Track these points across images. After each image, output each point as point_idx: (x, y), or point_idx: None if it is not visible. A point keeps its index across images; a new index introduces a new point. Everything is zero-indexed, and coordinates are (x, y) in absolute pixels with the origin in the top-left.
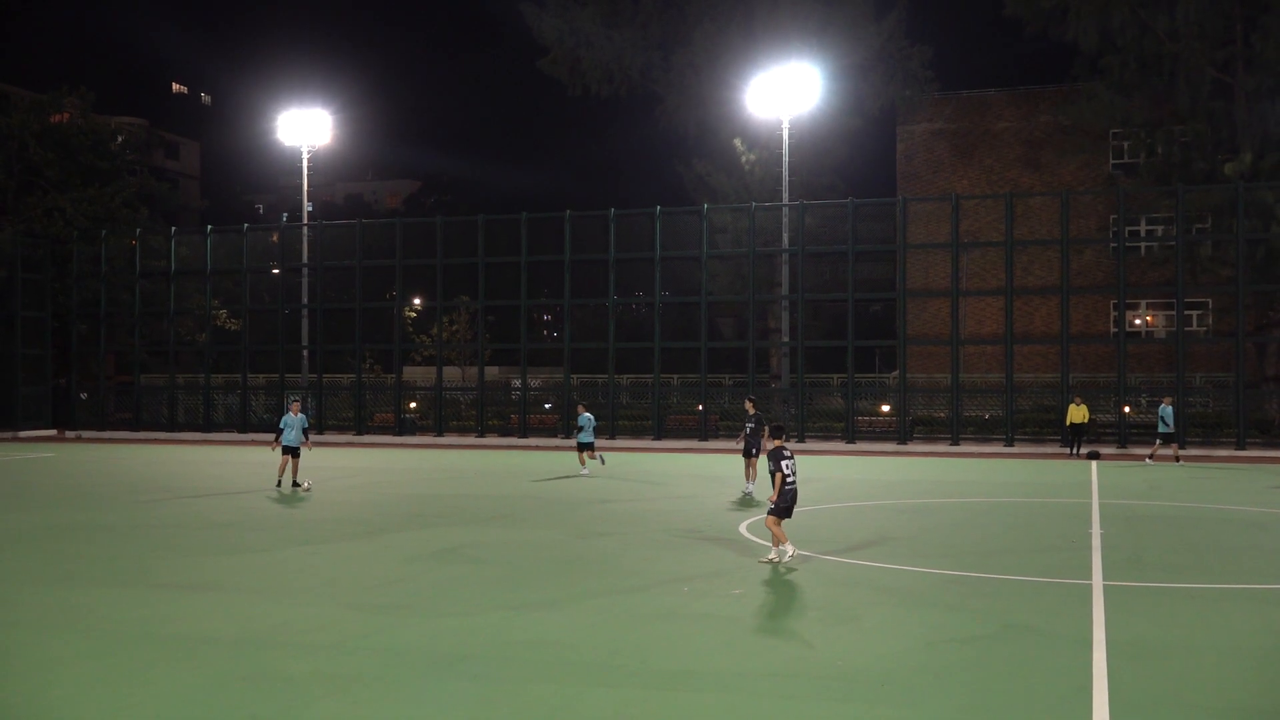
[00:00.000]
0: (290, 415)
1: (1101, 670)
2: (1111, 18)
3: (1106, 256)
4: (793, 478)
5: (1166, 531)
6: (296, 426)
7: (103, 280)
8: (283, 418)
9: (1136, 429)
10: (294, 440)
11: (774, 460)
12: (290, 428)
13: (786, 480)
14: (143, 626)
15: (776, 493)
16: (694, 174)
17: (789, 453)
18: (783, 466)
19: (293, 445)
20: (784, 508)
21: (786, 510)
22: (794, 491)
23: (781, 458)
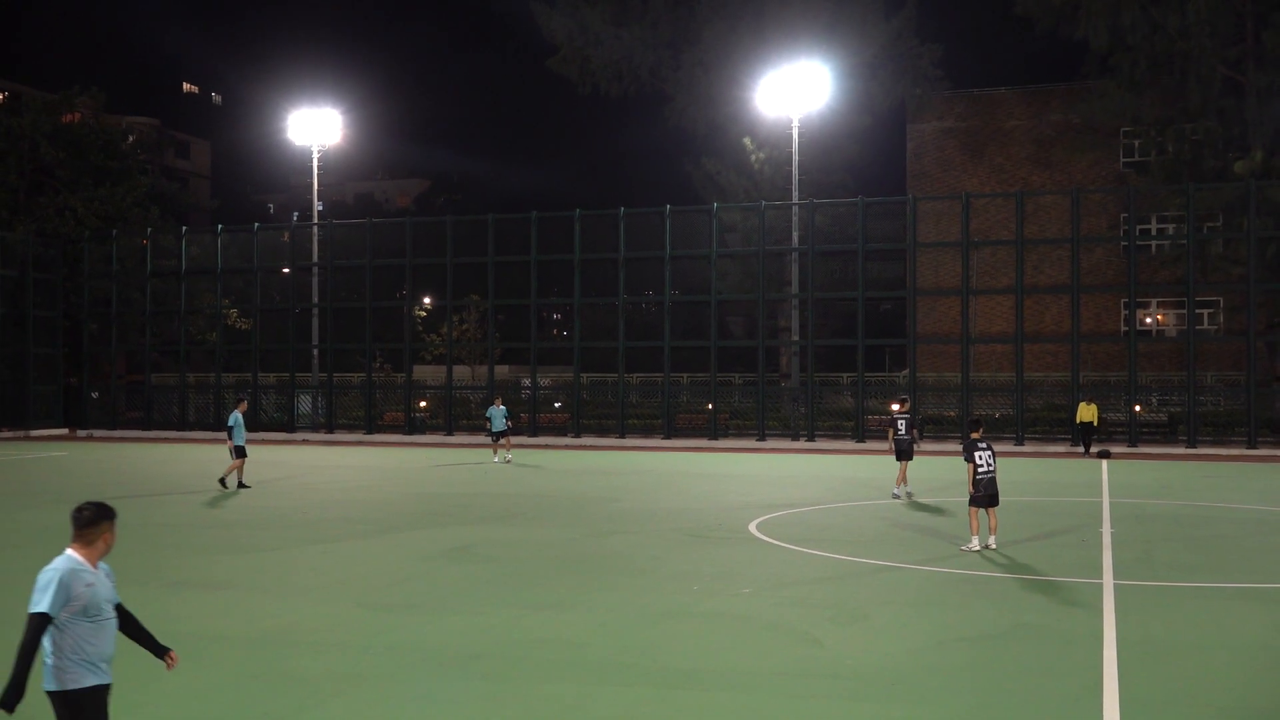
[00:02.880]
0: (239, 414)
1: (1112, 669)
2: (1122, 16)
3: (1117, 255)
4: (985, 467)
5: (1177, 530)
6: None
7: (114, 280)
8: (232, 415)
9: (1147, 428)
10: (242, 439)
11: (969, 451)
12: (240, 426)
13: (979, 470)
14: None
15: (971, 483)
16: (704, 173)
17: (985, 445)
18: (976, 458)
19: (240, 444)
20: (979, 497)
21: (986, 499)
22: (989, 480)
23: (976, 449)
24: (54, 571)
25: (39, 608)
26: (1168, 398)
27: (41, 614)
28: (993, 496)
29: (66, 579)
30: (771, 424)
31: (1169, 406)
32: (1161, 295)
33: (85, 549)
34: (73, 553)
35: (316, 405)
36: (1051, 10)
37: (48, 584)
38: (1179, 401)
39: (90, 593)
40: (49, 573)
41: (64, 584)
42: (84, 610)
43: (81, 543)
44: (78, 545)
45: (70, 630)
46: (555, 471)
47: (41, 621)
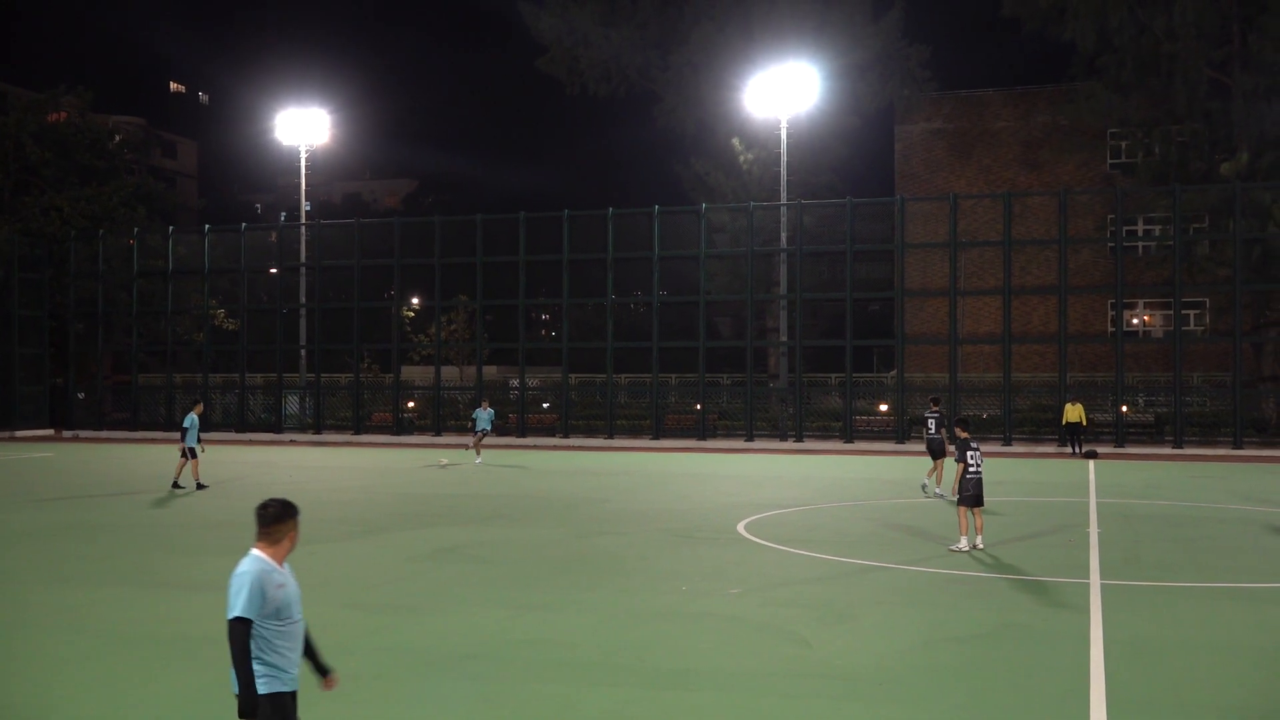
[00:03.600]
0: (194, 415)
1: (1099, 669)
2: (1109, 17)
3: (1104, 256)
4: (975, 467)
5: (1164, 531)
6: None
7: (100, 280)
8: (188, 417)
9: (1134, 428)
10: (194, 440)
11: (961, 451)
12: (195, 428)
13: (969, 470)
14: (143, 626)
15: (957, 483)
16: (692, 173)
17: (974, 445)
18: (967, 458)
19: (193, 445)
20: (968, 496)
21: (972, 499)
22: (976, 480)
23: (967, 449)
24: (246, 574)
25: (237, 612)
26: (1154, 398)
27: (241, 619)
28: (978, 497)
29: (260, 580)
30: (760, 424)
31: (1155, 407)
32: (1148, 296)
33: (271, 548)
34: (259, 553)
35: (304, 406)
36: (1038, 12)
37: (241, 587)
38: (1165, 402)
39: (282, 594)
40: (241, 575)
41: (258, 585)
42: (275, 612)
43: (267, 541)
44: (263, 544)
45: (258, 633)
46: (544, 472)
47: (243, 626)
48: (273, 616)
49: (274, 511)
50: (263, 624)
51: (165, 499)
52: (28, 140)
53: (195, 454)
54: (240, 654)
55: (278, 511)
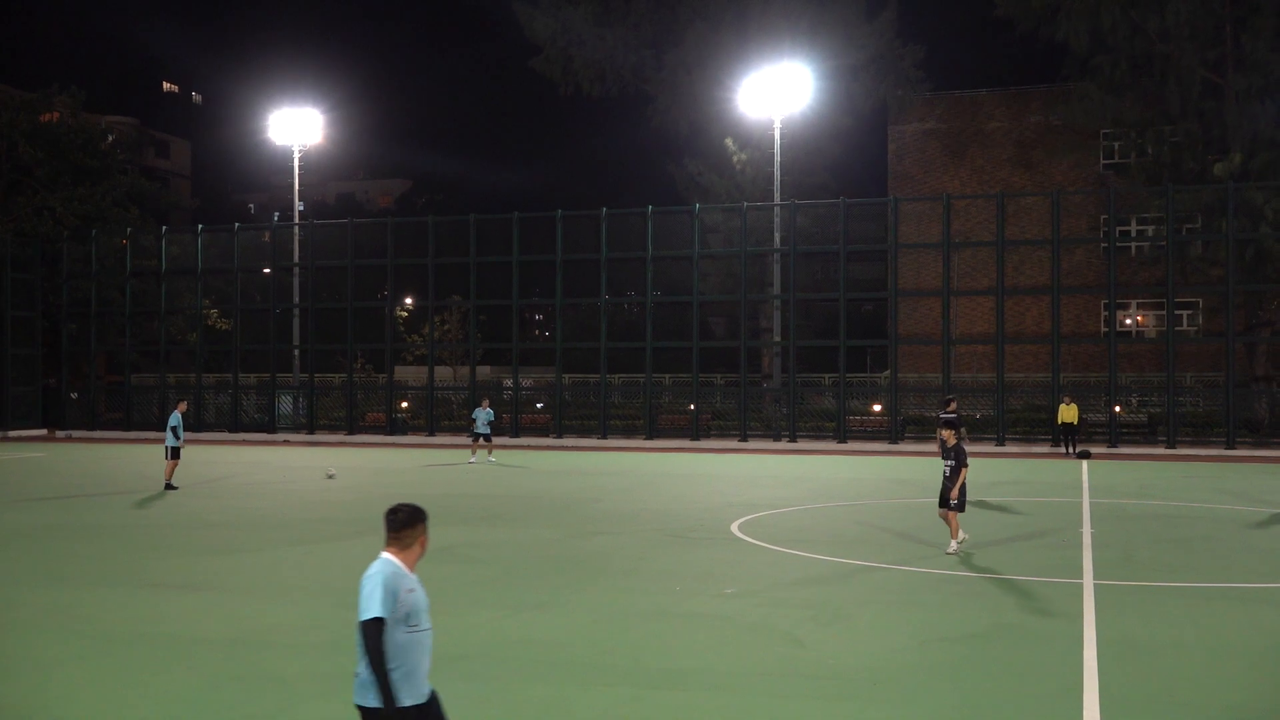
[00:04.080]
0: (178, 414)
1: (1092, 669)
2: (1102, 18)
3: (1097, 256)
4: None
5: (1157, 530)
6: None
7: (93, 280)
8: (172, 415)
9: (1127, 428)
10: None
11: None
12: (181, 426)
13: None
14: (135, 627)
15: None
16: (686, 174)
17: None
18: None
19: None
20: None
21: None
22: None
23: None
24: (377, 575)
25: (371, 613)
26: (1147, 398)
27: (376, 619)
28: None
29: (391, 583)
30: (753, 424)
31: (1149, 407)
32: (1141, 296)
33: (402, 552)
34: (390, 556)
35: (298, 406)
36: (1032, 12)
37: (374, 588)
38: (1159, 402)
39: (411, 599)
40: (372, 577)
41: (390, 588)
42: (405, 617)
43: (398, 545)
44: (394, 548)
45: (387, 639)
46: (537, 472)
47: (378, 627)
48: (402, 621)
49: (404, 516)
50: (391, 630)
51: (157, 499)
52: (20, 140)
53: (177, 454)
54: (378, 656)
55: (407, 516)
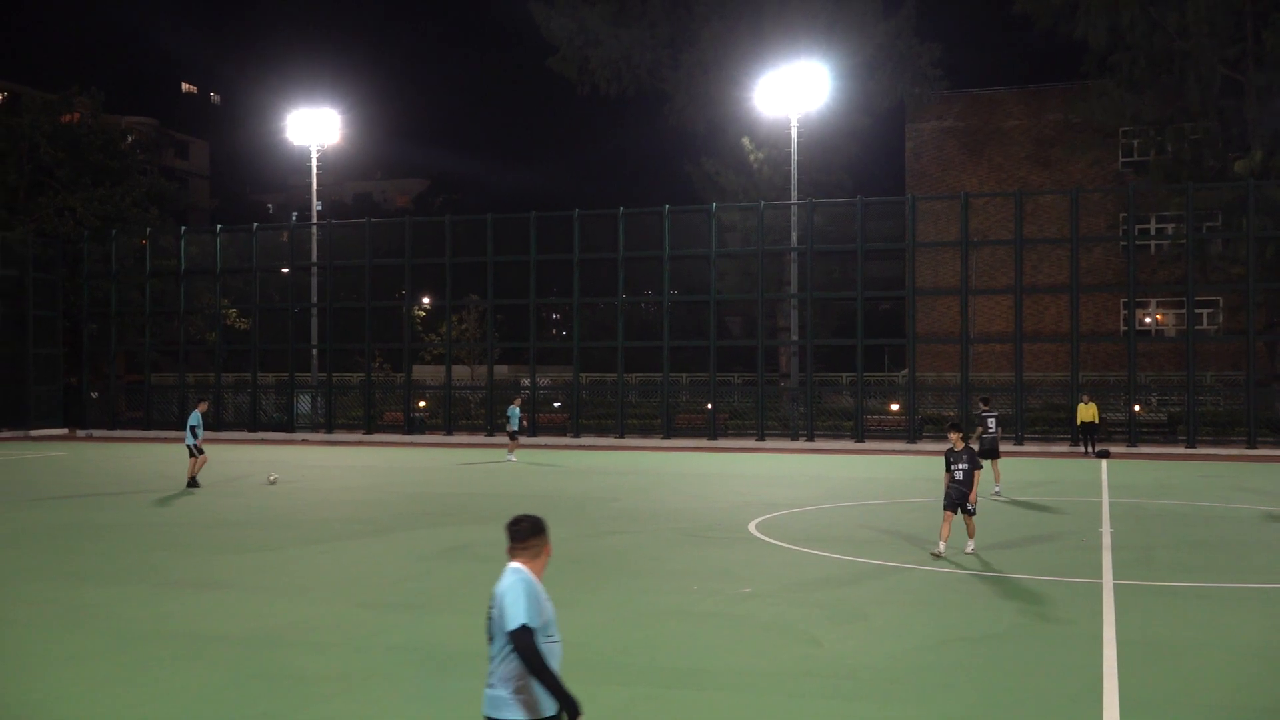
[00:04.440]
0: (199, 413)
1: (1112, 669)
2: (1121, 15)
3: (1116, 255)
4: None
5: (1177, 530)
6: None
7: (113, 280)
8: (193, 415)
9: (1147, 428)
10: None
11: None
12: (200, 426)
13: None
14: (154, 624)
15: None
16: (703, 173)
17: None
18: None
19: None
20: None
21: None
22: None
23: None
24: (519, 584)
25: (521, 620)
26: (1167, 397)
27: (527, 627)
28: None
29: (532, 591)
30: (771, 424)
31: (1169, 406)
32: (1161, 295)
33: (531, 563)
34: (522, 566)
35: (316, 405)
36: (1050, 9)
37: (518, 595)
38: (1179, 401)
39: (548, 609)
40: (515, 585)
41: (532, 596)
42: (543, 627)
43: (527, 555)
44: (524, 559)
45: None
46: (554, 471)
47: (530, 634)
48: (540, 631)
49: (528, 527)
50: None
51: (176, 498)
52: (42, 141)
53: (198, 451)
54: (540, 659)
55: (532, 526)
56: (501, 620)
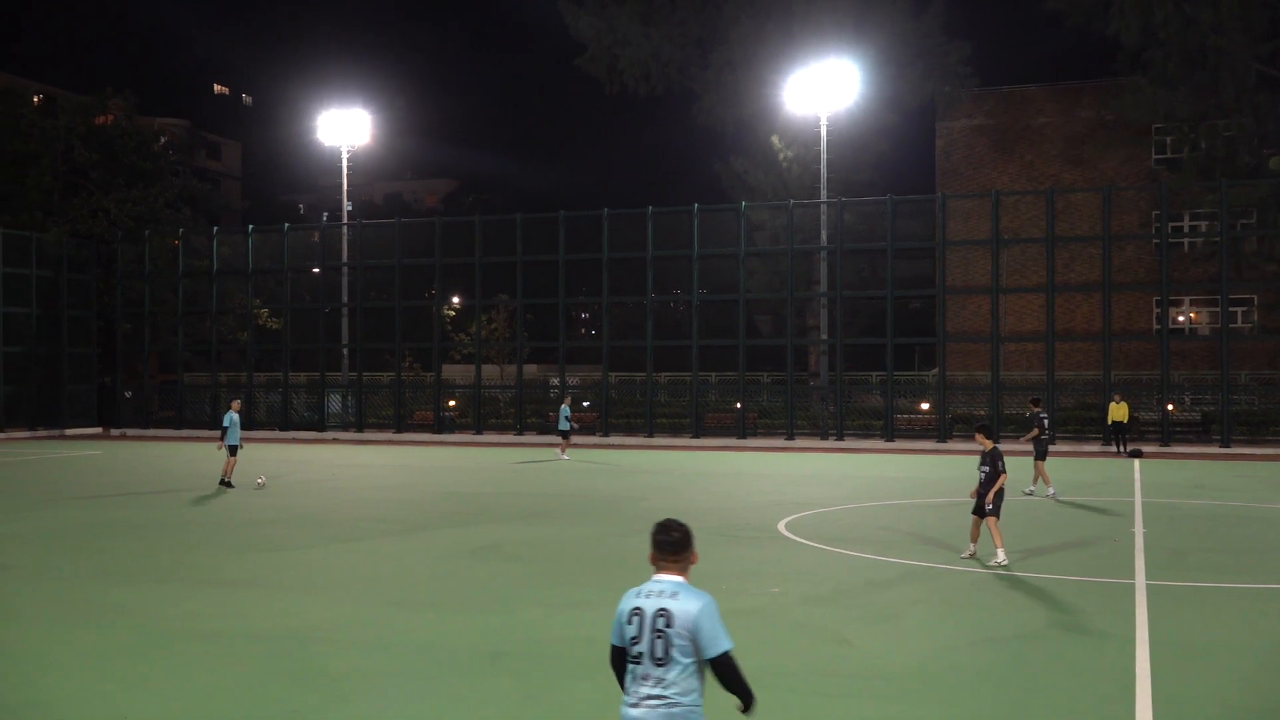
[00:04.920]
0: (233, 414)
1: (1144, 671)
2: (1154, 11)
3: (1149, 252)
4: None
5: (1210, 531)
6: (237, 425)
7: (146, 280)
8: (226, 415)
9: (1180, 427)
10: (236, 439)
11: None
12: (235, 426)
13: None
14: (184, 622)
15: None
16: (732, 171)
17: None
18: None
19: (235, 444)
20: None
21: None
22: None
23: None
24: (713, 604)
25: (728, 644)
26: (1201, 396)
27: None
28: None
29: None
30: (800, 423)
31: (1202, 405)
32: (1194, 293)
33: (684, 573)
34: (684, 580)
35: (346, 404)
36: (1082, 6)
37: (715, 616)
38: (1212, 400)
39: None
40: (708, 605)
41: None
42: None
43: (678, 568)
44: (676, 570)
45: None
46: (583, 470)
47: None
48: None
49: (679, 536)
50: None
51: (208, 497)
52: (76, 143)
53: (234, 451)
54: (743, 678)
55: (684, 535)
56: (697, 643)
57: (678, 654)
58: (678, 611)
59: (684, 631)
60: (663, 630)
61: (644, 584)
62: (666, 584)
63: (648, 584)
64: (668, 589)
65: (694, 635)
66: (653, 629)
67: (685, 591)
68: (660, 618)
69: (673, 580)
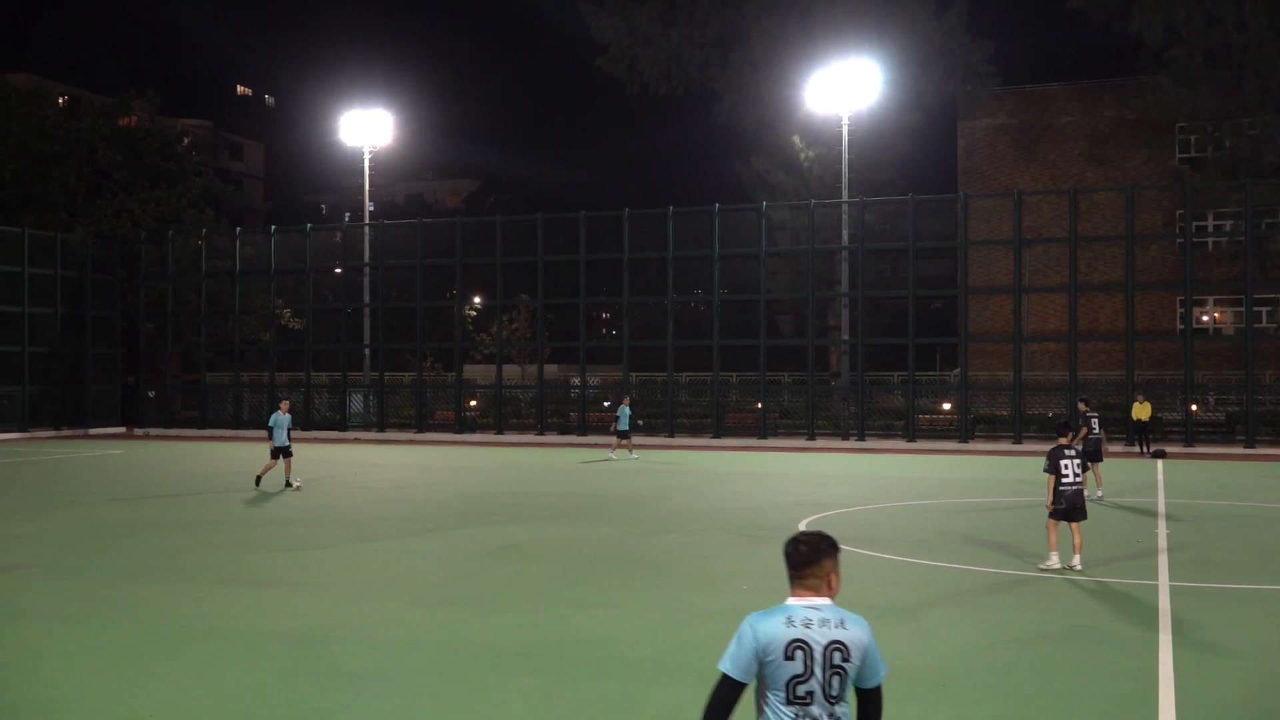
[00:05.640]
0: (280, 415)
1: (1168, 673)
2: (1178, 9)
3: (1172, 252)
4: (1071, 478)
5: (1234, 532)
6: (284, 426)
7: (170, 280)
8: (273, 417)
9: (1204, 427)
10: (284, 440)
11: (1053, 460)
12: (280, 427)
13: (1063, 480)
14: (207, 621)
15: (1051, 495)
16: (753, 171)
17: (1072, 451)
18: (1061, 466)
19: (284, 445)
20: (1062, 509)
21: (1067, 512)
22: (1074, 492)
23: (1062, 457)
24: (869, 628)
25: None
26: (1225, 397)
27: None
28: (1077, 509)
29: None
30: (821, 423)
31: (1226, 406)
32: (1218, 293)
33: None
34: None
35: (368, 404)
36: (1105, 4)
37: (875, 646)
38: (1237, 401)
39: None
40: (867, 630)
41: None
42: None
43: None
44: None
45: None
46: (604, 470)
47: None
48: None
49: (806, 549)
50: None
51: (230, 495)
52: (100, 144)
53: (282, 453)
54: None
55: (812, 548)
56: (862, 672)
57: (849, 688)
58: (852, 642)
59: (857, 663)
60: (840, 666)
61: (784, 608)
62: (827, 610)
63: (796, 609)
64: (831, 616)
65: (862, 664)
66: (828, 665)
67: (848, 618)
68: (836, 652)
69: (827, 604)
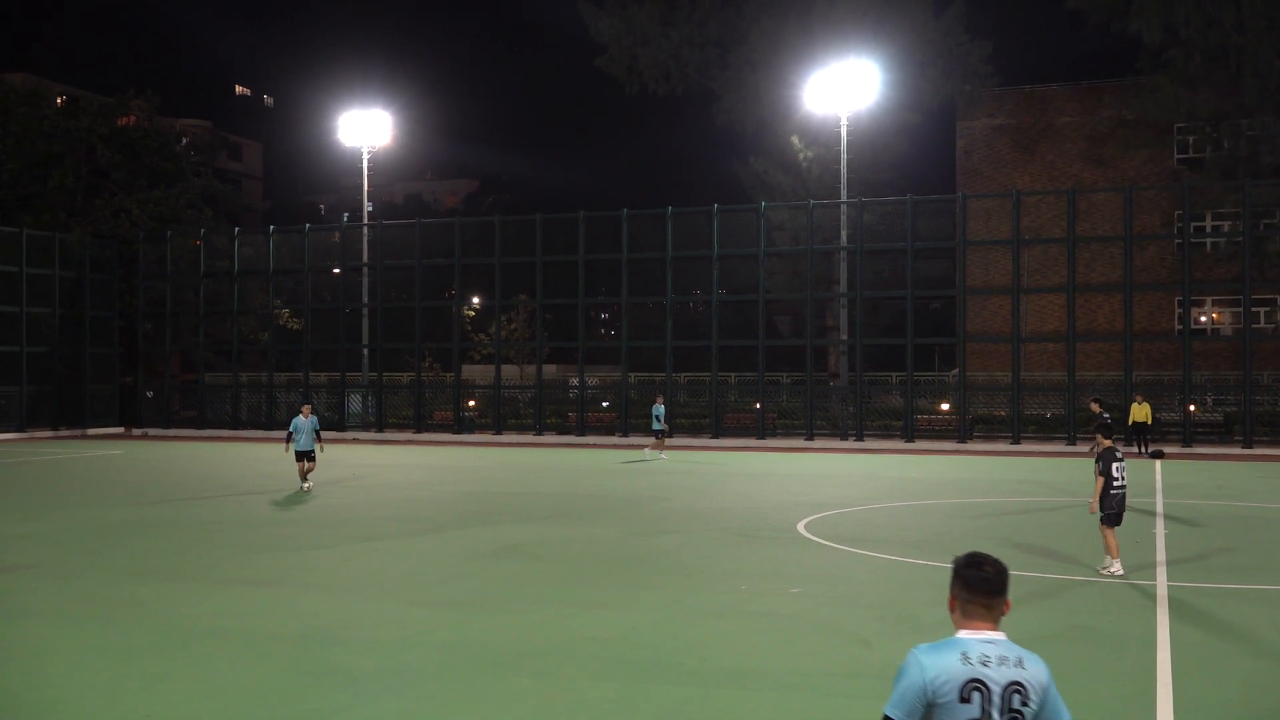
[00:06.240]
0: (301, 419)
1: (1166, 672)
2: (1176, 10)
3: (1171, 252)
4: (1121, 481)
5: (1232, 532)
6: (307, 430)
7: (168, 280)
8: (294, 421)
9: (1202, 428)
10: (306, 445)
11: (1105, 462)
12: (301, 431)
13: (1114, 484)
14: (208, 621)
15: (1097, 498)
16: (751, 171)
17: (1120, 454)
18: (1113, 470)
19: (306, 449)
20: (1113, 514)
21: (1117, 517)
22: (1122, 496)
23: (1113, 460)
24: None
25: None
26: (1223, 397)
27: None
28: (1122, 514)
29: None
30: (819, 423)
31: (1224, 406)
32: (1216, 293)
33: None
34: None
35: (366, 404)
36: (1103, 5)
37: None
38: (1235, 401)
39: None
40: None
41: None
42: None
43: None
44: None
45: None
46: (603, 470)
47: None
48: None
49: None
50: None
51: (230, 496)
52: (99, 144)
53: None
54: None
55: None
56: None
57: None
58: (1032, 683)
59: (1036, 708)
60: (1019, 710)
61: (956, 642)
62: (1004, 647)
63: (971, 643)
64: (1009, 654)
65: (1041, 708)
66: (1006, 709)
67: (1026, 656)
68: (1015, 694)
69: (1003, 639)
